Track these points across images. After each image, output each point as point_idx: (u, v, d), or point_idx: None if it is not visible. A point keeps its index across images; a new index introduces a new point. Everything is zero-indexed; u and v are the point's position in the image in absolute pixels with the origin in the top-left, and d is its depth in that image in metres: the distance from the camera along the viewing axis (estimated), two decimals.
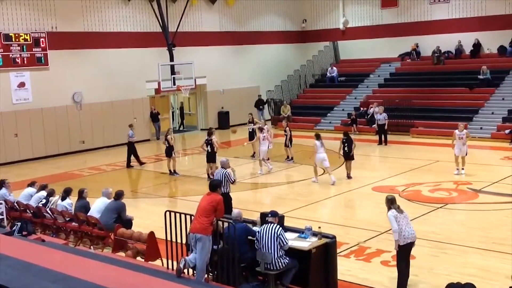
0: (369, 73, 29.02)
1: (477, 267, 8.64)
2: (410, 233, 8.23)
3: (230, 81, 28.53)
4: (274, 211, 8.31)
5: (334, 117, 26.79)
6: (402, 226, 8.16)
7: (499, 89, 23.88)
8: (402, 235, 8.18)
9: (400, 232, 8.14)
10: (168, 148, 17.72)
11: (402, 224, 8.20)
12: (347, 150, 16.04)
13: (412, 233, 8.24)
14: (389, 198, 8.49)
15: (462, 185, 14.75)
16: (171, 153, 17.75)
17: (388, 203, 8.39)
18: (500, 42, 25.92)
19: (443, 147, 20.65)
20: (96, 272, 6.84)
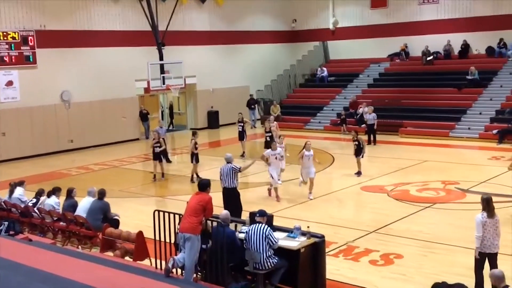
0: (359, 73, 29.12)
1: (465, 267, 8.68)
2: (493, 243, 7.91)
3: (220, 81, 28.50)
4: (263, 210, 8.32)
5: (323, 117, 26.85)
6: (487, 234, 7.84)
7: (487, 90, 24.06)
8: (483, 243, 7.91)
9: (482, 239, 7.86)
10: (160, 152, 17.13)
11: (489, 231, 7.87)
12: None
13: (495, 244, 7.93)
14: (485, 198, 8.06)
15: (450, 185, 14.85)
16: (161, 156, 17.30)
17: (483, 203, 8.00)
18: (488, 43, 26.11)
19: (432, 147, 20.83)
20: (85, 272, 6.81)
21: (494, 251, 8.00)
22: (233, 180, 11.68)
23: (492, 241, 7.96)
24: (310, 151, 13.94)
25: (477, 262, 8.10)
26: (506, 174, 16.00)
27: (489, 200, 8.09)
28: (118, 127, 24.62)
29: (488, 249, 7.96)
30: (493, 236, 7.96)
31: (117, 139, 24.38)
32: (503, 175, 15.81)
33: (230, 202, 11.50)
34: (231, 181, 11.68)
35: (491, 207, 8.00)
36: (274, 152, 14.18)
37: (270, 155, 14.17)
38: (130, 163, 20.21)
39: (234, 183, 11.71)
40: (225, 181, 11.75)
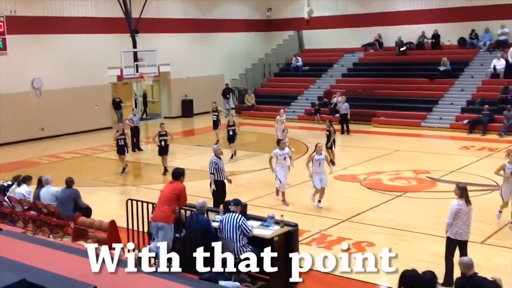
0: (333, 63, 29.24)
1: (435, 254, 8.84)
2: (464, 231, 8.09)
3: (194, 69, 28.31)
4: (237, 199, 8.33)
5: (297, 106, 26.93)
6: (459, 222, 8.02)
7: (459, 80, 24.41)
8: (454, 230, 8.09)
9: (453, 226, 8.05)
10: (124, 145, 16.38)
11: (462, 219, 8.04)
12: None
13: (467, 232, 8.11)
14: (461, 187, 8.25)
15: (421, 174, 15.07)
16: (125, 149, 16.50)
17: (459, 191, 8.17)
18: (460, 34, 26.44)
19: (404, 137, 21.11)
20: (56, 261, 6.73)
21: (465, 238, 8.18)
22: (218, 173, 11.56)
23: (464, 229, 8.13)
24: (321, 154, 12.16)
25: (447, 249, 8.27)
26: (476, 163, 16.36)
27: (464, 188, 8.27)
28: (90, 115, 24.31)
29: (460, 236, 8.13)
30: (466, 224, 8.14)
31: (89, 127, 24.08)
32: (472, 165, 16.15)
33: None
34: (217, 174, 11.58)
35: (466, 195, 8.18)
36: (282, 152, 12.62)
37: (278, 155, 12.60)
38: (103, 152, 20.00)
39: (220, 176, 11.60)
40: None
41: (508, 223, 10.60)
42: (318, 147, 12.20)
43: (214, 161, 11.51)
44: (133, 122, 19.48)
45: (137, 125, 19.61)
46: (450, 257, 8.17)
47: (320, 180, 12.07)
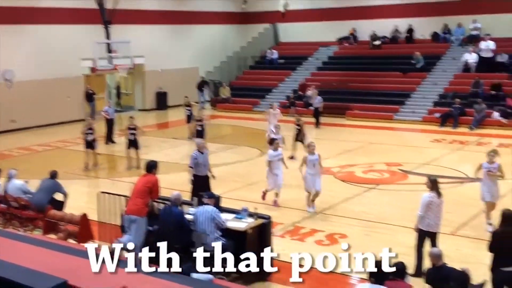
0: (308, 56, 29.32)
1: (406, 245, 8.96)
2: (435, 223, 8.24)
3: (168, 61, 28.09)
4: (210, 192, 8.34)
5: (273, 99, 26.85)
6: (431, 214, 8.16)
7: (431, 74, 24.72)
8: (426, 222, 8.22)
9: (424, 218, 8.18)
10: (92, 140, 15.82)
11: (433, 211, 8.18)
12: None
13: (438, 224, 8.26)
14: (432, 179, 8.43)
15: (394, 166, 15.25)
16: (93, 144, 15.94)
17: (430, 184, 8.32)
18: (433, 29, 26.77)
19: (377, 130, 21.32)
20: (27, 255, 6.65)
21: (436, 230, 8.33)
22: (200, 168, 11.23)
23: (435, 221, 8.27)
24: (314, 154, 11.15)
25: (418, 240, 8.40)
26: (447, 156, 16.63)
27: (436, 181, 8.41)
28: (63, 107, 23.95)
29: (430, 228, 8.27)
30: (437, 216, 8.28)
31: (62, 119, 23.73)
32: (444, 157, 16.41)
33: None
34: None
35: (438, 188, 8.31)
36: (276, 153, 11.81)
37: (272, 157, 11.78)
38: (75, 144, 19.69)
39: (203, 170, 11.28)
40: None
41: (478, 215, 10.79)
42: (311, 147, 11.18)
43: (193, 155, 11.23)
44: (108, 114, 19.29)
45: (112, 117, 19.43)
46: (421, 248, 8.30)
47: (315, 183, 11.12)
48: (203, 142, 11.71)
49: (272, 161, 11.67)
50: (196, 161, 11.16)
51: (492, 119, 20.83)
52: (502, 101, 21.37)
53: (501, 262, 6.70)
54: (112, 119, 19.46)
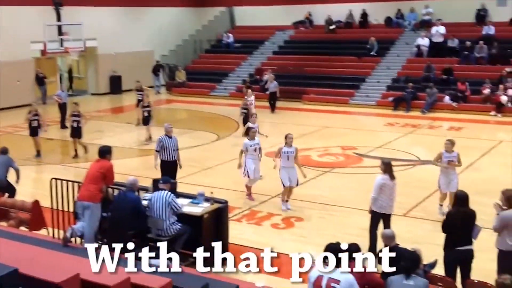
0: (264, 40, 29.28)
1: (360, 227, 9.14)
2: (388, 205, 8.41)
3: (122, 44, 27.52)
4: (166, 177, 8.26)
5: (229, 84, 26.85)
6: (384, 196, 8.33)
7: (385, 59, 25.10)
8: (379, 204, 8.38)
9: (377, 200, 8.35)
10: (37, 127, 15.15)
11: (386, 193, 8.34)
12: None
13: (391, 205, 8.43)
14: (385, 162, 8.58)
15: (349, 150, 15.47)
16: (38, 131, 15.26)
17: (384, 167, 8.46)
18: (387, 13, 27.14)
19: (333, 114, 21.57)
20: None
21: (389, 212, 8.51)
22: (168, 152, 11.00)
23: (388, 203, 8.44)
24: (291, 147, 10.64)
25: (372, 222, 8.57)
26: (400, 139, 16.99)
27: (389, 164, 8.57)
28: (12, 91, 23.16)
29: (384, 209, 8.44)
30: (390, 198, 8.45)
31: (11, 104, 22.95)
32: (397, 140, 16.76)
33: None
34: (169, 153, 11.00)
35: (391, 170, 8.47)
36: (253, 143, 11.14)
37: (248, 146, 11.09)
38: (25, 129, 19.12)
39: (172, 156, 11.02)
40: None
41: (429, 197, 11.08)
42: (288, 138, 10.61)
43: (159, 139, 11.00)
44: (61, 98, 18.81)
45: (65, 102, 18.95)
46: (374, 229, 8.48)
47: (289, 177, 10.54)
48: (171, 126, 11.30)
49: (247, 151, 11.02)
50: (162, 145, 10.94)
51: (443, 103, 21.35)
52: (453, 85, 21.91)
53: (454, 242, 6.91)
54: (65, 103, 18.99)
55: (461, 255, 6.87)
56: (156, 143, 11.12)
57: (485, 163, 13.93)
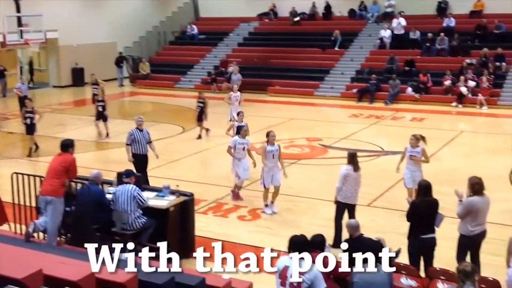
0: (229, 32, 29.16)
1: (326, 218, 9.22)
2: (353, 195, 8.51)
3: (84, 36, 27.00)
4: (129, 170, 8.17)
5: (194, 76, 26.67)
6: (348, 186, 8.43)
7: (348, 51, 25.32)
8: (343, 194, 8.46)
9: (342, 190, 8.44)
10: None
11: (350, 184, 8.44)
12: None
13: (355, 196, 8.54)
14: (350, 153, 8.71)
15: (314, 141, 15.59)
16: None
17: (349, 158, 8.58)
18: (350, 5, 27.36)
19: (298, 106, 21.67)
20: None
21: (353, 202, 8.62)
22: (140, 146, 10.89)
23: (353, 193, 8.55)
24: (274, 145, 10.04)
25: (337, 212, 8.67)
26: (364, 130, 17.20)
27: (354, 155, 8.69)
28: None
29: (348, 200, 8.55)
30: (354, 189, 8.56)
31: None
32: (361, 132, 16.96)
33: None
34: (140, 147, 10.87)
35: (355, 162, 8.58)
36: (243, 141, 10.54)
37: (237, 143, 10.54)
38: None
39: (143, 149, 10.93)
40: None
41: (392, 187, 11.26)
42: (271, 136, 10.01)
43: (130, 132, 10.87)
44: (21, 91, 18.33)
45: (25, 94, 18.48)
46: (339, 220, 8.58)
47: (272, 176, 9.97)
48: (142, 119, 11.15)
49: (236, 149, 10.49)
50: (133, 138, 10.82)
51: (406, 94, 21.69)
52: (415, 76, 22.26)
53: (418, 230, 7.04)
54: (26, 96, 18.53)
55: (425, 243, 7.01)
56: (127, 137, 10.98)
57: (446, 153, 14.23)
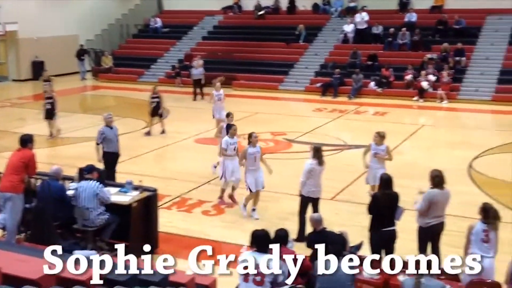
0: (193, 25, 28.96)
1: (290, 212, 9.28)
2: (317, 189, 8.56)
3: (45, 29, 26.40)
4: (91, 165, 8.03)
5: (158, 69, 26.42)
6: (312, 180, 8.46)
7: (312, 45, 25.45)
8: (307, 188, 8.50)
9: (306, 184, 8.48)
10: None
11: (315, 178, 8.48)
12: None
13: (319, 190, 8.60)
14: (315, 147, 8.76)
15: (278, 135, 15.65)
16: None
17: (313, 152, 8.65)
18: (314, 0, 27.48)
19: (263, 100, 21.70)
20: None
21: (317, 196, 8.70)
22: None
23: (316, 187, 8.62)
24: (256, 146, 9.74)
25: (301, 206, 8.74)
26: (328, 124, 17.36)
27: (318, 149, 8.77)
28: None
29: (312, 194, 8.63)
30: (318, 183, 8.63)
31: None
32: (325, 126, 17.11)
33: None
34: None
35: (320, 156, 8.65)
36: (233, 141, 10.14)
37: (228, 144, 10.10)
38: None
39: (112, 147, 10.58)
40: None
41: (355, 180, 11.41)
42: (253, 138, 9.69)
43: (100, 131, 10.50)
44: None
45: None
46: (303, 214, 8.65)
47: (256, 179, 9.66)
48: (111, 116, 10.81)
49: (228, 150, 10.08)
50: (104, 136, 10.47)
51: (368, 88, 21.95)
52: (377, 71, 22.55)
53: (379, 223, 7.15)
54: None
55: (386, 236, 7.13)
56: (98, 136, 10.54)
57: (407, 147, 14.48)
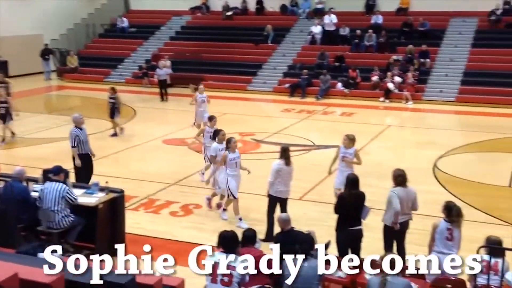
0: (161, 25, 28.77)
1: (259, 212, 9.30)
2: (285, 189, 8.61)
3: (8, 27, 25.83)
4: (57, 166, 7.89)
5: (125, 69, 26.14)
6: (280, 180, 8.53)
7: (281, 46, 25.55)
8: (275, 188, 8.55)
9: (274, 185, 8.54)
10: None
11: (283, 178, 8.54)
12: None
13: (287, 190, 8.67)
14: (283, 148, 8.84)
15: (247, 136, 15.66)
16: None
17: (281, 152, 8.72)
18: (282, 1, 27.64)
19: (231, 100, 21.68)
20: None
21: (285, 196, 8.74)
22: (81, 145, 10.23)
23: (284, 187, 8.67)
24: (235, 152, 9.44)
25: (269, 206, 8.76)
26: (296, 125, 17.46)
27: (286, 149, 8.81)
28: None
29: (280, 194, 8.66)
30: (286, 183, 8.67)
31: None
32: (293, 126, 17.21)
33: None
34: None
35: (287, 156, 8.70)
36: (222, 147, 9.64)
37: (218, 151, 9.65)
38: None
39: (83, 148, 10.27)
40: None
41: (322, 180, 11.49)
42: (232, 143, 9.33)
43: (74, 133, 10.14)
44: None
45: None
46: (272, 214, 8.67)
47: (238, 184, 9.50)
48: (81, 117, 10.42)
49: (217, 156, 9.64)
50: (79, 139, 10.14)
51: (336, 89, 22.15)
52: (345, 72, 22.78)
53: (345, 223, 7.23)
54: None
55: (352, 235, 7.21)
56: (71, 138, 10.19)
57: (374, 147, 14.66)
